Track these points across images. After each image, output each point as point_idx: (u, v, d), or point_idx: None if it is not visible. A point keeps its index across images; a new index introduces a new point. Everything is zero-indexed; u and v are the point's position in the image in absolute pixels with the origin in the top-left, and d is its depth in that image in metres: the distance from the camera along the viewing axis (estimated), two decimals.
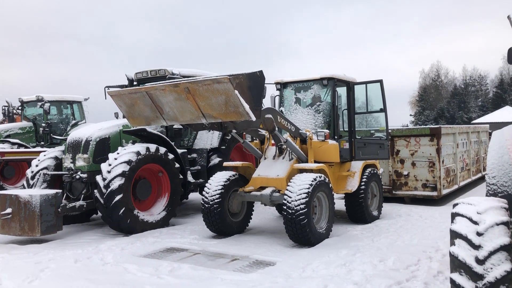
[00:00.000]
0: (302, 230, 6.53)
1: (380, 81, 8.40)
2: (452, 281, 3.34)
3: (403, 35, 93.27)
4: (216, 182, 7.51)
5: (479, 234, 3.29)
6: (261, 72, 6.09)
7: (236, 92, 5.68)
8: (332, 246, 6.69)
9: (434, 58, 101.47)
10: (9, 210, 7.26)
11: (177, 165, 8.69)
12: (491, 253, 3.21)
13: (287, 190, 6.73)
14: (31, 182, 8.71)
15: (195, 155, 10.00)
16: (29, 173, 8.89)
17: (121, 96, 6.88)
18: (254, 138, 8.16)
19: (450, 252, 3.40)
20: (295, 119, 8.35)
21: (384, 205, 9.46)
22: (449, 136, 11.78)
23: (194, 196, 11.27)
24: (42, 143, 14.61)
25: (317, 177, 6.82)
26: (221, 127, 6.87)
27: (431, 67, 71.41)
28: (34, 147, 14.20)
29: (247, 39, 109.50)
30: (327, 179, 7.12)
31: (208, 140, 10.12)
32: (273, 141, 7.82)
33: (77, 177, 8.29)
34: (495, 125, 15.25)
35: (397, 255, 6.08)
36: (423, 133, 11.02)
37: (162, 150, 8.43)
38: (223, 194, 7.42)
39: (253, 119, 5.91)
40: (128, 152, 7.90)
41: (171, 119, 6.68)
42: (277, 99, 8.75)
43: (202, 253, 6.55)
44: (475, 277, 3.21)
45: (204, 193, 7.56)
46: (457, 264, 3.32)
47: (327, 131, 7.82)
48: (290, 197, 6.59)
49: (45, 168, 8.75)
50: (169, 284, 5.16)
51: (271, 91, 8.63)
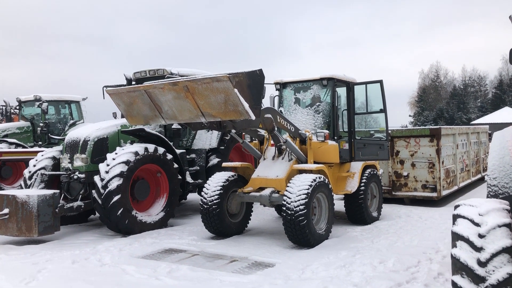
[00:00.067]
0: (301, 231, 6.49)
1: (380, 82, 8.36)
2: (454, 284, 3.31)
3: (402, 35, 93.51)
4: (215, 183, 7.47)
5: (481, 236, 3.27)
6: (260, 70, 6.05)
7: (236, 90, 5.63)
8: (331, 247, 6.66)
9: (434, 58, 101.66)
10: (6, 211, 7.21)
11: (175, 165, 8.65)
12: (493, 255, 3.18)
13: (286, 191, 6.69)
14: (28, 182, 8.67)
15: (193, 155, 9.95)
16: (26, 173, 8.85)
17: (120, 94, 6.83)
18: (253, 138, 8.12)
19: (451, 254, 3.37)
20: (295, 119, 8.31)
21: (383, 206, 9.43)
22: (449, 137, 11.75)
23: (192, 197, 11.22)
24: (40, 143, 14.56)
25: (316, 178, 6.79)
26: (220, 126, 6.83)
27: (431, 67, 71.61)
28: (31, 147, 14.14)
29: (246, 39, 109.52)
30: (326, 180, 7.09)
31: (207, 140, 10.07)
32: (272, 142, 7.78)
33: (75, 177, 8.23)
34: (494, 126, 15.25)
35: (397, 256, 6.05)
36: (423, 134, 10.99)
37: (161, 150, 8.38)
38: (222, 195, 7.37)
39: (253, 118, 5.87)
40: (127, 152, 7.85)
41: (170, 118, 6.63)
42: (276, 99, 8.71)
43: (201, 254, 6.51)
44: (477, 279, 3.18)
45: (202, 193, 7.52)
46: (458, 267, 3.29)
47: (327, 131, 7.79)
48: (289, 198, 6.55)
49: (43, 168, 8.71)
50: (168, 286, 5.13)
51: (270, 91, 8.60)
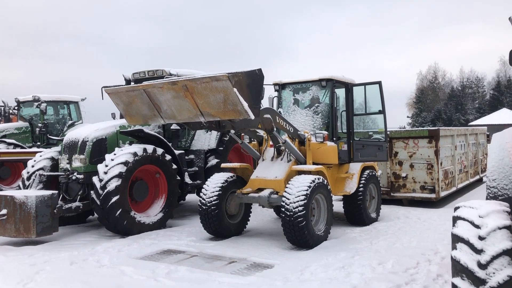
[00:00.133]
0: (300, 233, 6.48)
1: (379, 83, 8.36)
2: (454, 286, 3.29)
3: (400, 36, 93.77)
4: (214, 184, 7.46)
5: (481, 238, 3.25)
6: (260, 70, 6.04)
7: (235, 90, 5.61)
8: (330, 248, 6.64)
9: (432, 60, 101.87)
10: (4, 211, 7.19)
11: (174, 166, 8.63)
12: (494, 258, 3.16)
13: (285, 192, 6.68)
14: (26, 183, 8.64)
15: (192, 156, 9.93)
16: (24, 173, 8.82)
17: (119, 94, 6.81)
18: (252, 139, 8.11)
19: (451, 256, 3.36)
20: (294, 120, 8.29)
21: (382, 207, 9.43)
22: (448, 138, 11.76)
23: (191, 198, 11.21)
24: (38, 143, 14.52)
25: (315, 179, 6.78)
26: (219, 126, 6.81)
27: (429, 69, 71.85)
28: (30, 147, 14.10)
29: (245, 40, 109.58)
30: (325, 181, 7.08)
31: (206, 141, 10.05)
32: (271, 142, 7.77)
33: (74, 178, 8.21)
34: (492, 127, 15.29)
35: (396, 257, 6.03)
36: (421, 135, 11.00)
37: (159, 151, 8.36)
38: (221, 196, 7.36)
39: (252, 117, 5.85)
40: (125, 153, 7.83)
41: (168, 117, 6.60)
42: (275, 100, 8.69)
43: (199, 255, 6.49)
44: (477, 282, 3.17)
45: (201, 194, 7.50)
46: (458, 269, 3.28)
47: (326, 132, 7.78)
48: (288, 199, 6.54)
49: (41, 168, 8.68)
50: (166, 287, 5.11)
51: (269, 92, 8.58)
